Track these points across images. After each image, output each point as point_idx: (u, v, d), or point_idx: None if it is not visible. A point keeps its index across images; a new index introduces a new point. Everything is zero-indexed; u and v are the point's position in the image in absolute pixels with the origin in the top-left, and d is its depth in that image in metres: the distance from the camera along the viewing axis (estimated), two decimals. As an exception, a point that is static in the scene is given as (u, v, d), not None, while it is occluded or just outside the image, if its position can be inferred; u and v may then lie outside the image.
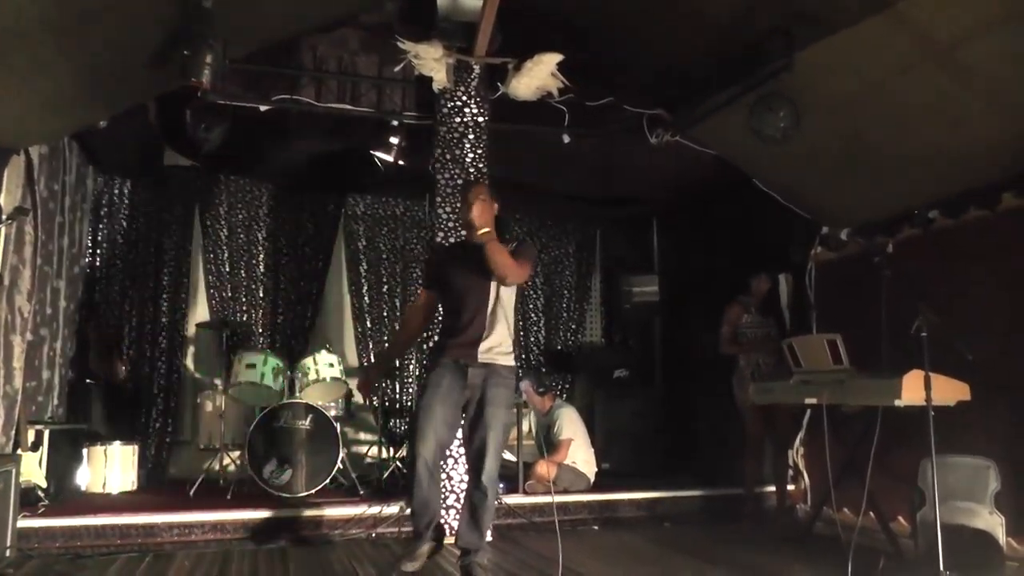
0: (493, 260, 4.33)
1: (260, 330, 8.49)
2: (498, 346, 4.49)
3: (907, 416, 4.71)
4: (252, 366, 6.83)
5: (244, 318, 8.44)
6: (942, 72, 5.11)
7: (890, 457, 4.67)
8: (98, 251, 8.11)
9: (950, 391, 4.81)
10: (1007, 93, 5.05)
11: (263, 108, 6.26)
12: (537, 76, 6.18)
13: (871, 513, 5.31)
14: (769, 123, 5.72)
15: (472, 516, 4.44)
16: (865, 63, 5.36)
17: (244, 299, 8.53)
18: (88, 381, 7.17)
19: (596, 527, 6.51)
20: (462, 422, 4.60)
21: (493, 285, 4.50)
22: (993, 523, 4.62)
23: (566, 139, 6.58)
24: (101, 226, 8.13)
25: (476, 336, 4.47)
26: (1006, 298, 5.54)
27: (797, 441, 7.31)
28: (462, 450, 5.76)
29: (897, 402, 4.70)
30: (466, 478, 5.71)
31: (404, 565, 4.43)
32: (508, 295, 4.57)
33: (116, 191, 8.23)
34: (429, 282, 4.85)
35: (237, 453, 6.97)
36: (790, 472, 7.20)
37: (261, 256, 8.65)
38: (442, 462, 4.93)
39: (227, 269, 8.48)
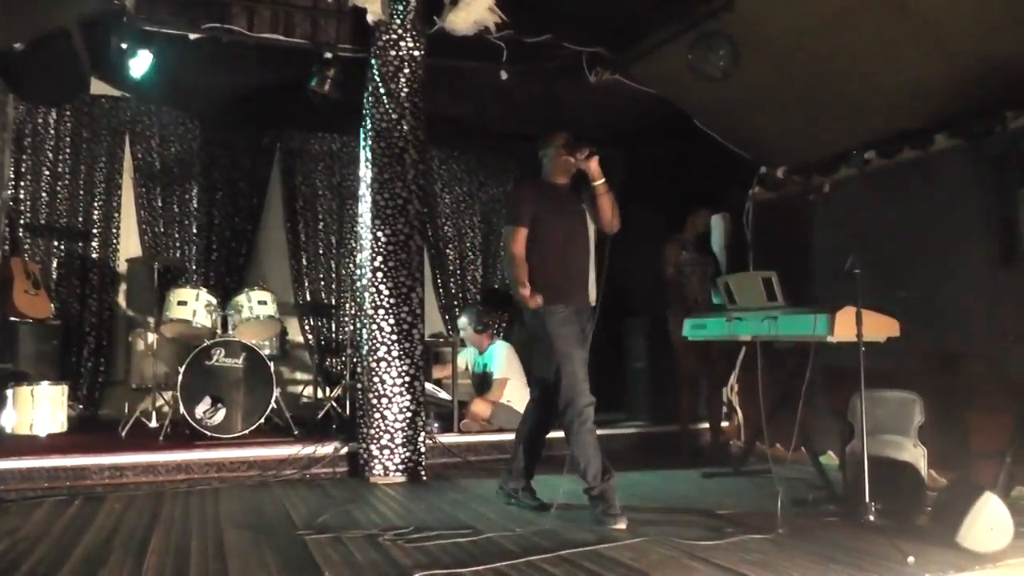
0: (613, 212, 4.63)
1: (194, 267, 8.33)
2: (595, 290, 4.78)
3: (838, 352, 4.80)
4: (184, 303, 6.71)
5: (177, 254, 8.27)
6: (881, 14, 5.11)
7: (821, 392, 4.75)
8: (22, 183, 7.81)
9: (881, 327, 4.90)
10: (944, 37, 5.09)
11: (193, 36, 6.04)
12: (474, 10, 6.05)
13: (802, 448, 5.41)
14: (709, 61, 5.67)
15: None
16: (806, 4, 5.33)
17: (177, 235, 8.35)
18: (12, 319, 6.97)
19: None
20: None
21: (591, 230, 4.79)
22: (917, 455, 4.75)
23: (504, 76, 6.47)
24: (25, 157, 7.83)
25: (585, 281, 4.73)
26: (935, 237, 5.63)
27: (732, 378, 7.43)
28: (396, 388, 5.79)
29: (830, 338, 4.77)
30: (400, 416, 5.76)
31: (618, 523, 4.35)
32: (591, 240, 4.82)
33: (40, 120, 7.92)
34: (524, 221, 4.73)
35: (170, 393, 6.86)
36: (724, 409, 7.32)
37: (195, 191, 8.44)
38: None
39: (159, 204, 8.29)
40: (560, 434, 4.72)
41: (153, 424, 6.71)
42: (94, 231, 8.04)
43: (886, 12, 5.09)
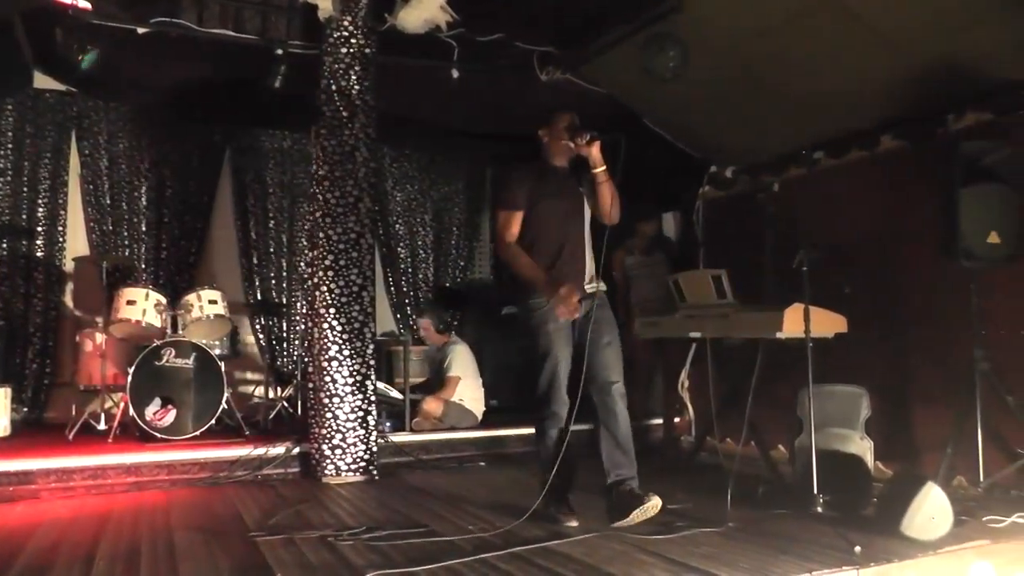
0: (612, 200, 4.35)
1: (143, 265, 8.23)
2: (593, 273, 4.49)
3: (787, 348, 4.86)
4: (133, 303, 6.62)
5: (126, 253, 8.16)
6: (828, 17, 5.21)
7: (771, 388, 4.82)
8: (-38, 179, 7.65)
9: (829, 324, 4.97)
10: (888, 40, 5.21)
11: (141, 30, 5.96)
12: (426, 8, 6.02)
13: (752, 442, 5.49)
14: (659, 62, 5.72)
15: (619, 441, 4.33)
16: (754, 6, 5.41)
17: (126, 233, 8.24)
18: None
19: (483, 463, 6.58)
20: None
21: (587, 210, 4.51)
22: (864, 448, 4.86)
23: (455, 74, 6.47)
24: (-35, 152, 7.67)
25: (580, 268, 4.44)
26: (880, 236, 5.75)
27: (683, 374, 7.50)
28: (347, 388, 5.76)
29: (779, 334, 4.83)
30: (351, 415, 5.74)
31: (570, 520, 4.28)
32: (587, 225, 4.55)
33: (-21, 114, 7.75)
34: (519, 204, 4.46)
35: (119, 394, 6.76)
36: (675, 404, 7.39)
37: (144, 189, 8.33)
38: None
39: (108, 201, 8.16)
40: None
41: (102, 426, 6.61)
42: (39, 229, 7.89)
43: (832, 15, 5.19)
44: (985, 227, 4.66)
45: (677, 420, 7.47)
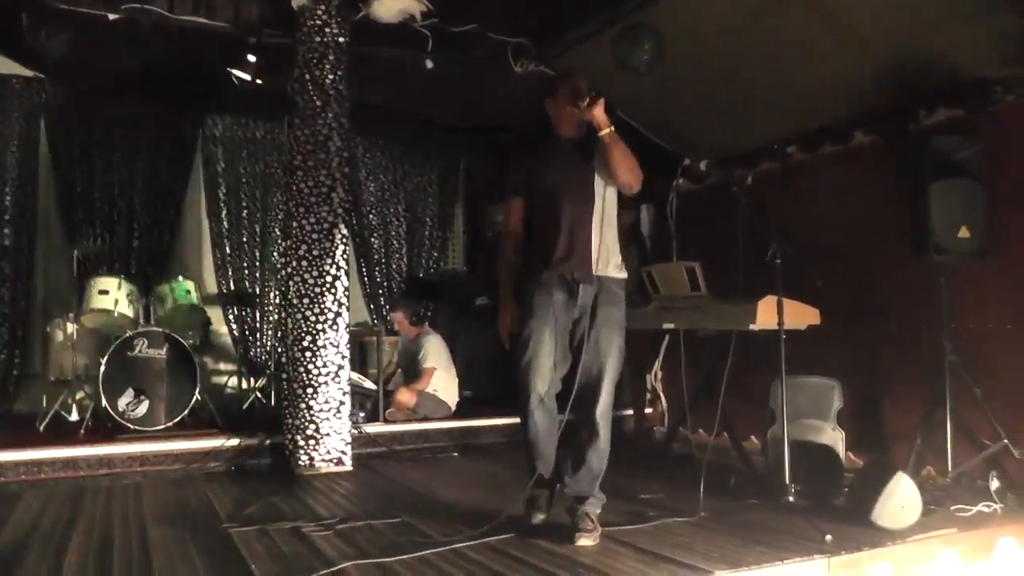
0: (625, 163, 3.84)
1: (115, 255, 8.13)
2: (608, 255, 3.97)
3: (760, 339, 4.90)
4: (105, 292, 6.56)
5: (98, 242, 8.06)
6: (806, 12, 5.24)
7: (743, 379, 4.86)
8: (-74, 168, 7.53)
9: (802, 315, 5.01)
10: (861, 36, 5.26)
11: (112, 17, 5.88)
12: (400, -2, 6.01)
13: (724, 433, 5.53)
14: (634, 55, 5.71)
15: (582, 458, 3.89)
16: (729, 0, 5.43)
17: (98, 222, 8.11)
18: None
19: (456, 454, 6.60)
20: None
21: (599, 185, 3.96)
22: (835, 438, 4.91)
23: (429, 65, 6.44)
24: (-71, 140, 7.55)
25: (586, 250, 3.91)
26: (852, 230, 5.81)
27: (656, 365, 7.54)
28: (321, 379, 5.75)
29: (752, 326, 4.87)
30: (325, 406, 5.73)
31: (534, 517, 4.05)
32: (612, 196, 4.02)
33: (-56, 102, 7.62)
34: (518, 190, 4.13)
35: (91, 385, 6.70)
36: (648, 395, 7.43)
37: (116, 177, 8.21)
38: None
39: (79, 190, 8.05)
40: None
41: (74, 417, 6.56)
42: (7, 217, 7.75)
43: (807, 10, 5.23)
44: (955, 222, 4.71)
45: (649, 411, 7.51)
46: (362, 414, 6.72)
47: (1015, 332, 4.92)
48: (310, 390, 5.76)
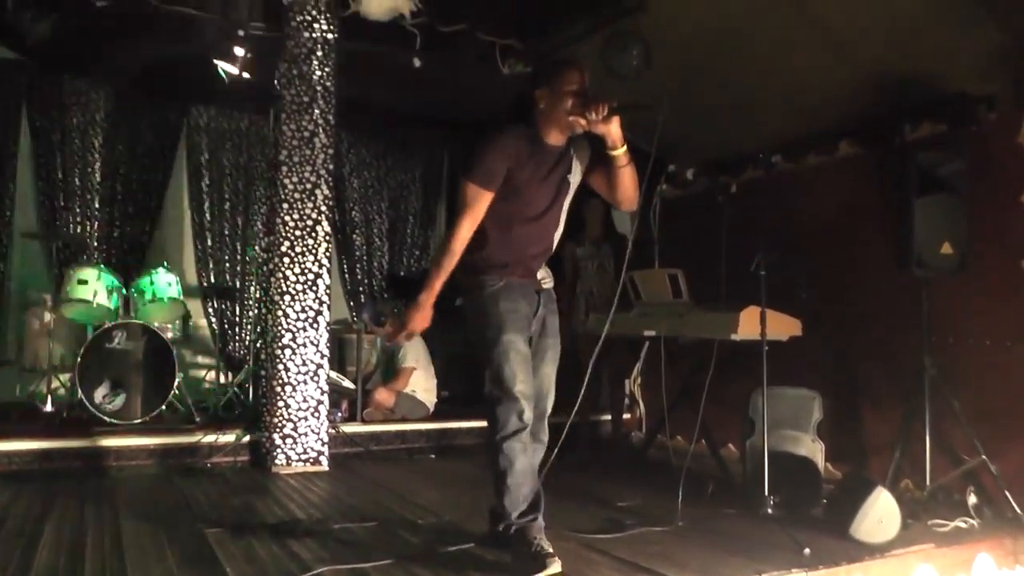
0: (635, 182, 3.51)
1: (95, 244, 8.04)
2: (550, 273, 3.81)
3: (739, 348, 4.91)
4: (84, 282, 6.44)
5: (77, 230, 7.97)
6: (793, 21, 5.26)
7: (722, 387, 4.86)
8: (-99, 150, 7.41)
9: (784, 327, 5.03)
10: (846, 47, 5.27)
11: (100, 3, 5.82)
12: (389, -4, 5.98)
13: (702, 440, 5.53)
14: (622, 61, 5.72)
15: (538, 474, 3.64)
16: (720, 6, 5.44)
17: (78, 209, 8.01)
18: None
19: (433, 455, 6.59)
20: None
21: (567, 202, 3.67)
22: (814, 450, 4.94)
23: (417, 63, 6.42)
24: (-95, 121, 7.44)
25: (545, 259, 3.72)
26: (835, 240, 5.83)
27: (635, 371, 7.54)
28: (300, 377, 5.71)
29: (734, 336, 4.87)
30: (303, 405, 5.70)
31: (550, 565, 3.32)
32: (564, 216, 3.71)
33: (-77, 82, 7.50)
34: (494, 181, 3.45)
35: (67, 376, 6.63)
36: (626, 401, 7.43)
37: (97, 164, 8.11)
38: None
39: (59, 176, 7.94)
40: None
41: (48, 408, 6.47)
42: (-16, 201, 7.67)
43: (793, 20, 5.24)
44: (938, 237, 4.73)
45: (627, 416, 7.51)
46: (340, 413, 6.69)
47: (994, 348, 4.95)
48: (288, 388, 5.72)
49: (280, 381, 5.73)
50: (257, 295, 7.43)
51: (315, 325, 5.82)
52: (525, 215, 3.55)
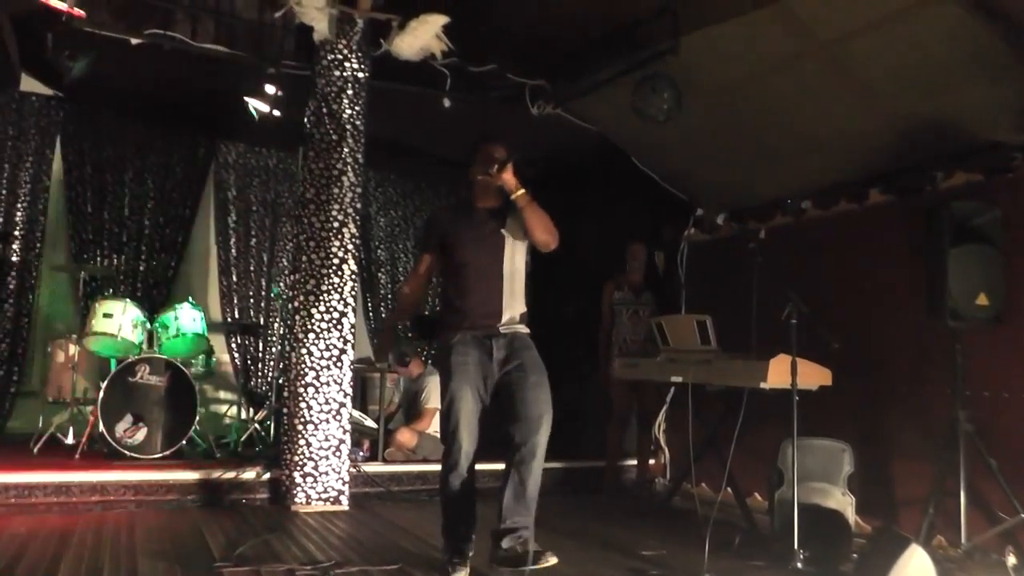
0: (541, 224, 3.88)
1: (121, 277, 8.08)
2: (518, 318, 4.05)
3: (767, 397, 4.83)
4: (110, 315, 6.48)
5: (105, 263, 8.01)
6: (823, 68, 5.25)
7: (749, 436, 4.77)
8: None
9: (814, 376, 4.94)
10: (877, 94, 5.24)
11: (134, 41, 5.89)
12: (421, 36, 5.99)
13: (728, 489, 5.43)
14: (652, 104, 5.72)
15: (527, 491, 3.91)
16: (750, 53, 5.43)
17: (106, 243, 8.08)
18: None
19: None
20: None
21: (508, 251, 4.02)
22: (844, 503, 4.80)
23: (447, 103, 6.44)
24: (-56, 152, 7.52)
25: (496, 308, 3.99)
26: (865, 289, 5.74)
27: (660, 416, 7.45)
28: (322, 415, 5.67)
29: (763, 385, 4.79)
30: (325, 444, 5.65)
31: (458, 571, 3.95)
32: (521, 262, 4.08)
33: (-38, 116, 7.61)
34: (430, 246, 4.18)
35: (89, 408, 6.62)
36: (652, 446, 7.33)
37: (127, 199, 8.20)
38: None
39: (89, 209, 8.02)
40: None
41: (69, 440, 6.45)
42: (16, 233, 7.71)
43: (823, 65, 5.22)
44: (973, 288, 4.64)
45: (652, 462, 7.41)
46: (361, 453, 6.63)
47: (1032, 402, 4.83)
48: (310, 427, 5.68)
49: (302, 419, 5.69)
50: (281, 332, 7.41)
51: (339, 364, 5.79)
52: (466, 273, 4.01)
